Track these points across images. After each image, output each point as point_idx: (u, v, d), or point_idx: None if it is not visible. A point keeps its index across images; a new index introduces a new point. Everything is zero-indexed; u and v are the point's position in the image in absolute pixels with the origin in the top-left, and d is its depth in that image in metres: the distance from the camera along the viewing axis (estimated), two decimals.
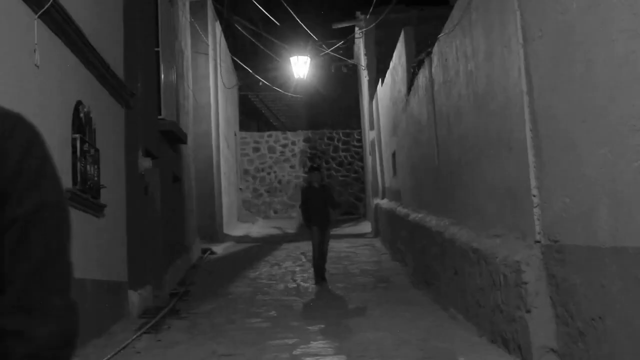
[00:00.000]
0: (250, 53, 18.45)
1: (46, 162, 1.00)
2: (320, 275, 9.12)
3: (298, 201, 20.77)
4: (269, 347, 5.65)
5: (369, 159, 17.34)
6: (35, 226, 0.96)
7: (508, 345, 4.77)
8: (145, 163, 7.69)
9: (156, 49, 9.06)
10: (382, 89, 13.35)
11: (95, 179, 6.07)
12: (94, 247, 6.07)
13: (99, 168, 6.17)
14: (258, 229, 17.98)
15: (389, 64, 11.82)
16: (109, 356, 5.24)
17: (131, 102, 7.43)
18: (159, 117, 9.04)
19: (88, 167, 5.85)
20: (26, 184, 0.96)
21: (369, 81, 15.44)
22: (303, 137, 21.83)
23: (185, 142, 10.41)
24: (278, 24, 13.95)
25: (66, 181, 5.40)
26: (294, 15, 12.84)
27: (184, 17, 11.56)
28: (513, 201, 4.87)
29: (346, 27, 16.16)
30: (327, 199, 9.44)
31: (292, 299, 8.29)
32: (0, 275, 0.94)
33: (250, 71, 16.31)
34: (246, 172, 21.47)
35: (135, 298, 7.17)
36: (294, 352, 5.42)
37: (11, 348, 0.92)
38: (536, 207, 4.42)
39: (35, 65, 4.77)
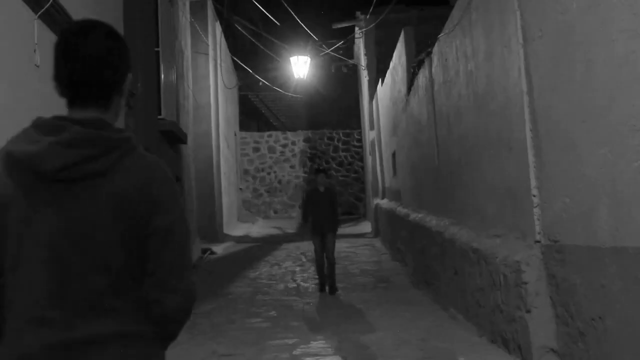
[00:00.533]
0: (250, 53, 18.46)
1: (175, 193, 1.56)
2: (324, 283, 8.65)
3: (298, 201, 20.88)
4: (269, 347, 5.65)
5: (369, 159, 17.35)
6: (169, 235, 1.49)
7: (508, 345, 4.77)
8: None
9: (156, 49, 9.06)
10: (382, 89, 13.36)
11: None
12: None
13: None
14: (258, 229, 17.99)
15: (389, 64, 11.83)
16: None
17: (131, 102, 7.43)
18: (159, 117, 9.03)
19: None
20: (164, 208, 1.49)
21: (369, 81, 15.45)
22: (303, 137, 21.84)
23: (185, 142, 10.41)
24: (278, 24, 13.96)
25: None
26: (294, 15, 12.85)
27: (184, 17, 11.56)
28: (513, 201, 4.87)
29: (346, 27, 16.19)
30: (332, 204, 8.79)
31: (292, 299, 8.29)
32: (145, 265, 1.47)
33: (250, 71, 16.32)
34: (246, 172, 21.48)
35: None
36: (294, 352, 5.43)
37: (152, 310, 1.48)
38: (536, 207, 4.42)
39: (35, 65, 4.77)
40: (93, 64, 1.51)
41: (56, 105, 5.90)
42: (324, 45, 15.73)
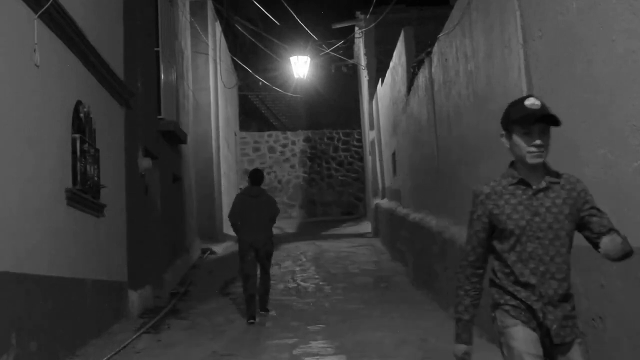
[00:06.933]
0: (250, 53, 18.46)
1: (274, 201, 7.64)
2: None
3: (298, 201, 20.89)
4: (269, 347, 5.65)
5: (369, 159, 17.34)
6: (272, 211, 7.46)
7: None
8: (145, 163, 7.69)
9: (156, 49, 9.05)
10: (382, 89, 13.36)
11: (95, 179, 6.07)
12: (94, 247, 6.07)
13: (99, 168, 6.16)
14: None
15: (389, 64, 11.82)
16: (108, 356, 5.24)
17: (131, 102, 7.43)
18: (159, 117, 9.03)
19: (88, 167, 5.84)
20: (274, 207, 7.59)
21: (369, 81, 15.44)
22: (303, 137, 21.83)
23: (185, 142, 10.41)
24: (278, 23, 13.95)
25: (66, 181, 5.40)
26: (294, 15, 12.84)
27: (184, 17, 11.56)
28: None
29: (346, 27, 16.17)
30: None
31: (292, 299, 8.30)
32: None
33: (250, 71, 16.32)
34: (246, 172, 21.47)
35: (135, 298, 7.17)
36: (294, 352, 5.43)
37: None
38: None
39: (35, 65, 4.77)
40: (259, 178, 7.34)
41: (56, 104, 5.89)
42: (324, 45, 15.73)
